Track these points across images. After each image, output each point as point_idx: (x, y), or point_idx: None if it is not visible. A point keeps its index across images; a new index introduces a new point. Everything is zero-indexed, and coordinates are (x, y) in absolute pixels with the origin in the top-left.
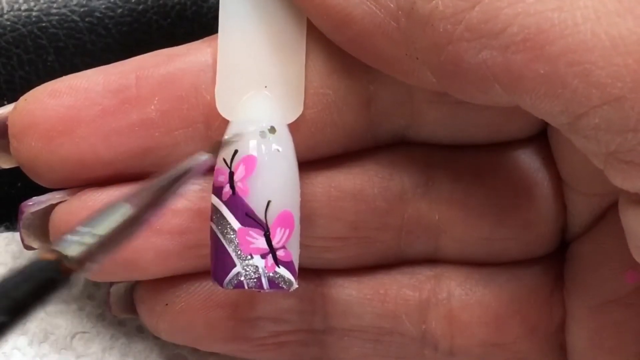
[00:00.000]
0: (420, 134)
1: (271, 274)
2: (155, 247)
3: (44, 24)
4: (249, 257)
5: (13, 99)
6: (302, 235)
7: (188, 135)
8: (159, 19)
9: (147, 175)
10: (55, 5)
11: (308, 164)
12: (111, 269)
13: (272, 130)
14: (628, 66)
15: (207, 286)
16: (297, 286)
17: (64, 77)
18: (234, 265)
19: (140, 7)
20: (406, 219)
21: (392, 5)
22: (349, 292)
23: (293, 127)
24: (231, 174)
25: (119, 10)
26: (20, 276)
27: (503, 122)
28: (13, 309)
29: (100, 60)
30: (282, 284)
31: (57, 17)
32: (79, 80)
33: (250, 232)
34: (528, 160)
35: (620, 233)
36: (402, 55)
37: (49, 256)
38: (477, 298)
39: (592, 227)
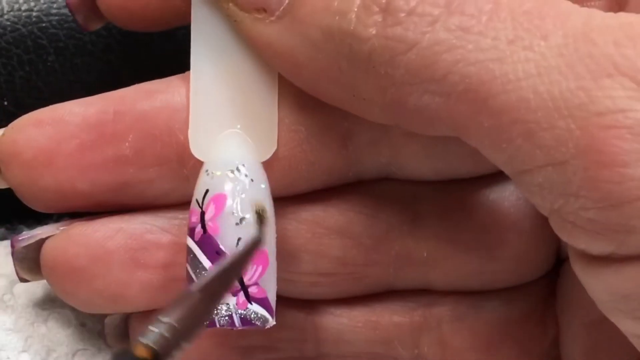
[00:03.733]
0: (404, 170)
1: (242, 312)
2: (140, 280)
3: (44, 24)
4: None
5: (13, 99)
6: (288, 271)
7: (162, 173)
8: None
9: (127, 207)
10: (55, 5)
11: (292, 200)
12: (99, 302)
13: (245, 168)
14: (571, 132)
15: None
16: (274, 322)
17: (49, 107)
18: None
19: None
20: (394, 255)
21: (331, 49)
22: (340, 320)
23: (267, 165)
24: (202, 214)
25: None
26: None
27: None
28: None
29: (101, 61)
30: (255, 321)
31: (57, 17)
32: (61, 111)
33: None
34: (515, 192)
35: None
36: (350, 96)
37: (145, 353)
38: (468, 324)
39: None
